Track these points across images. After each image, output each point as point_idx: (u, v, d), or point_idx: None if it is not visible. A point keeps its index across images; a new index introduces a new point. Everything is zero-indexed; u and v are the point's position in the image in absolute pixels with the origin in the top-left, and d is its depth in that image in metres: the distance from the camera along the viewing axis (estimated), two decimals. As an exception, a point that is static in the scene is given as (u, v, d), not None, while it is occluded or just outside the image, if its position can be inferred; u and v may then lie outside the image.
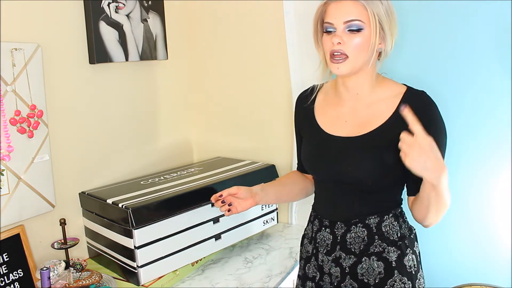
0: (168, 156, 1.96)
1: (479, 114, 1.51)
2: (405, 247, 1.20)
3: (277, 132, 1.89)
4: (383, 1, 1.12)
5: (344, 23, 1.11)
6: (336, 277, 1.22)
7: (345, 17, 1.11)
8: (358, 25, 1.10)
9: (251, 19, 1.86)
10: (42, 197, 1.41)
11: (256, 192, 1.32)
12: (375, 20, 1.10)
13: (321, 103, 1.30)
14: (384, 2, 1.12)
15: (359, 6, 1.10)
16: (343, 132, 1.21)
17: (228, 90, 1.99)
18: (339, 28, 1.12)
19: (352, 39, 1.11)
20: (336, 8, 1.12)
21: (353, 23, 1.10)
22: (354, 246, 1.20)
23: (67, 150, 1.52)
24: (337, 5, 1.12)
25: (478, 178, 1.55)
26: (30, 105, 1.35)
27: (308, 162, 1.29)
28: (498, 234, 1.54)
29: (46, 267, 1.29)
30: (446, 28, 1.52)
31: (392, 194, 1.20)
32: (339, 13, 1.11)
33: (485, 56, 1.47)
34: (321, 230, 1.26)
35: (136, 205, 1.34)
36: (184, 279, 1.49)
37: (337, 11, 1.11)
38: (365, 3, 1.10)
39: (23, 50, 1.33)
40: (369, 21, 1.11)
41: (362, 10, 1.10)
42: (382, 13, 1.11)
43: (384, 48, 1.16)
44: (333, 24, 1.12)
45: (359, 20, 1.10)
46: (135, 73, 1.76)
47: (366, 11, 1.10)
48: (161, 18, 1.81)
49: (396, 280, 1.17)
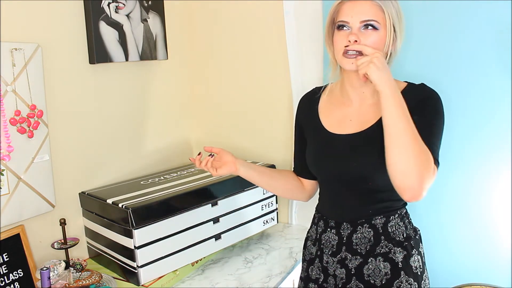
0: (168, 156, 1.96)
1: (479, 114, 1.51)
2: (411, 247, 1.20)
3: (277, 132, 1.89)
4: (393, 2, 1.12)
5: (360, 23, 1.11)
6: (341, 278, 1.22)
7: (362, 17, 1.10)
8: (374, 25, 1.11)
9: (251, 19, 1.86)
10: (42, 197, 1.41)
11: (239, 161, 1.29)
12: (390, 21, 1.11)
13: (325, 104, 1.30)
14: (394, 3, 1.13)
15: (375, 7, 1.10)
16: (347, 131, 1.21)
17: (228, 90, 1.99)
18: (355, 27, 1.11)
19: (368, 37, 1.11)
20: (353, 7, 1.12)
21: (370, 23, 1.10)
22: (360, 247, 1.20)
23: (67, 150, 1.52)
24: (354, 4, 1.12)
25: (478, 178, 1.55)
26: (30, 105, 1.35)
27: (312, 162, 1.28)
28: (498, 234, 1.54)
29: (46, 267, 1.29)
30: (446, 28, 1.52)
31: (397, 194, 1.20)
32: (355, 12, 1.11)
33: (485, 56, 1.47)
34: (327, 231, 1.25)
35: (136, 205, 1.34)
36: (184, 279, 1.49)
37: (354, 10, 1.11)
38: (382, 4, 1.10)
39: (23, 50, 1.33)
40: (385, 23, 1.11)
41: (378, 11, 1.10)
42: (395, 14, 1.12)
43: (394, 49, 1.16)
44: (348, 22, 1.12)
45: (375, 20, 1.10)
46: (135, 73, 1.76)
47: (383, 13, 1.10)
48: (161, 18, 1.81)
49: (402, 281, 1.17)
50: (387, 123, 1.06)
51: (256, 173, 1.32)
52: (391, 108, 1.05)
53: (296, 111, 1.40)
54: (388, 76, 1.06)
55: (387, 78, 1.06)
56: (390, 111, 1.05)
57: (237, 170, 1.28)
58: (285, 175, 1.40)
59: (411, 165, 1.04)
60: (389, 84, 1.06)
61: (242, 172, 1.29)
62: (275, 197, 1.78)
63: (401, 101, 1.06)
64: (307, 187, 1.40)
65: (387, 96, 1.05)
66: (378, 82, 1.05)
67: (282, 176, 1.39)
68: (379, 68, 1.05)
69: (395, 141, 1.05)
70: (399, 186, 1.07)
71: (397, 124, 1.04)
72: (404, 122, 1.04)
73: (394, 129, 1.05)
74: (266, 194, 1.73)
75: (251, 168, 1.32)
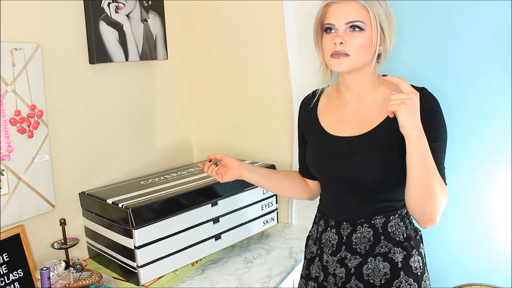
0: (168, 156, 1.96)
1: (479, 114, 1.51)
2: (411, 248, 1.19)
3: (277, 132, 1.89)
4: (381, 2, 1.12)
5: (345, 24, 1.11)
6: (340, 277, 1.22)
7: (347, 18, 1.10)
8: (360, 26, 1.10)
9: (251, 19, 1.86)
10: (42, 197, 1.41)
11: (244, 166, 1.30)
12: (376, 21, 1.10)
13: (324, 106, 1.30)
14: (382, 3, 1.12)
15: (360, 8, 1.10)
16: (346, 133, 1.21)
17: (228, 90, 1.99)
18: (341, 29, 1.11)
19: (354, 38, 1.11)
20: (338, 9, 1.11)
21: (355, 24, 1.10)
22: (360, 247, 1.20)
23: (67, 150, 1.52)
24: (339, 6, 1.11)
25: (479, 178, 1.55)
26: (30, 105, 1.35)
27: (313, 164, 1.29)
28: (498, 234, 1.54)
29: (46, 267, 1.29)
30: (446, 28, 1.52)
31: (397, 194, 1.20)
32: (340, 14, 1.11)
33: (485, 56, 1.47)
34: (327, 230, 1.26)
35: (136, 205, 1.34)
36: (184, 279, 1.49)
37: (339, 12, 1.11)
38: (367, 5, 1.09)
39: (23, 50, 1.33)
40: (371, 23, 1.10)
41: (364, 11, 1.10)
42: (382, 14, 1.11)
43: (384, 50, 1.16)
44: (334, 24, 1.12)
45: (361, 21, 1.10)
46: (135, 73, 1.76)
47: (368, 13, 1.10)
48: (161, 18, 1.81)
49: (402, 281, 1.17)
50: (411, 167, 1.06)
51: (261, 177, 1.33)
52: (416, 154, 1.05)
53: (297, 114, 1.40)
54: (417, 120, 1.03)
55: (415, 122, 1.03)
56: (415, 157, 1.05)
57: (242, 175, 1.29)
58: (290, 177, 1.40)
59: (430, 204, 1.08)
60: (417, 129, 1.03)
61: (247, 176, 1.30)
62: (275, 197, 1.78)
63: (426, 146, 1.05)
64: (312, 187, 1.40)
65: (413, 142, 1.04)
66: (406, 126, 1.03)
67: (287, 178, 1.39)
68: (410, 111, 1.01)
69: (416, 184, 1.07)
70: (418, 219, 1.13)
71: (421, 169, 1.06)
72: (428, 168, 1.05)
73: (418, 173, 1.06)
74: (266, 194, 1.73)
75: (256, 172, 1.32)
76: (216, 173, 1.29)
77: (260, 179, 1.33)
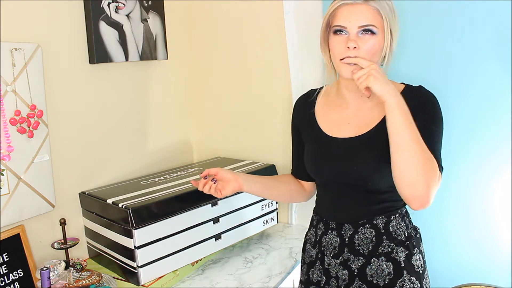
0: (168, 156, 1.96)
1: (479, 114, 1.51)
2: (412, 246, 1.20)
3: (277, 132, 1.89)
4: (388, 2, 1.11)
5: (358, 28, 1.09)
6: (343, 280, 1.21)
7: (360, 22, 1.08)
8: (372, 30, 1.09)
9: (251, 19, 1.86)
10: (42, 197, 1.41)
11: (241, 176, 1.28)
12: (388, 26, 1.10)
13: (322, 106, 1.30)
14: (389, 3, 1.11)
15: (373, 11, 1.08)
16: (346, 134, 1.21)
17: (228, 90, 1.99)
18: (352, 32, 1.09)
19: (365, 42, 1.09)
20: (350, 11, 1.09)
21: (368, 27, 1.08)
22: (363, 248, 1.19)
23: (67, 150, 1.52)
24: (351, 9, 1.09)
25: (478, 178, 1.55)
26: (30, 105, 1.35)
27: (311, 166, 1.28)
28: (498, 234, 1.54)
29: (46, 267, 1.29)
30: (446, 28, 1.52)
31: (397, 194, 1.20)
32: (353, 17, 1.08)
33: (485, 56, 1.47)
34: (327, 233, 1.25)
35: (136, 205, 1.34)
36: (184, 279, 1.49)
37: (352, 15, 1.09)
38: (380, 8, 1.08)
39: (23, 50, 1.33)
40: (383, 27, 1.09)
41: (376, 14, 1.09)
42: (390, 15, 1.11)
43: (391, 51, 1.15)
44: (346, 27, 1.10)
45: (373, 25, 1.09)
46: (135, 73, 1.76)
47: (380, 17, 1.09)
48: (161, 18, 1.81)
49: (405, 280, 1.17)
50: (393, 133, 1.04)
51: (260, 185, 1.32)
52: (397, 118, 1.03)
53: (292, 114, 1.39)
54: (389, 85, 1.05)
55: (389, 87, 1.04)
56: (396, 121, 1.03)
57: (241, 187, 1.27)
58: (285, 182, 1.39)
59: (419, 174, 1.03)
60: (393, 93, 1.04)
61: (246, 188, 1.29)
62: (275, 197, 1.78)
63: (406, 110, 1.04)
64: (307, 188, 1.40)
65: (393, 106, 1.03)
66: (382, 93, 1.03)
67: (282, 183, 1.39)
68: (379, 79, 1.03)
69: (403, 151, 1.04)
70: (408, 196, 1.07)
71: (404, 134, 1.03)
72: (410, 132, 1.03)
73: (401, 138, 1.03)
74: (266, 194, 1.73)
75: (254, 182, 1.31)
76: (215, 190, 1.26)
77: (259, 189, 1.32)
